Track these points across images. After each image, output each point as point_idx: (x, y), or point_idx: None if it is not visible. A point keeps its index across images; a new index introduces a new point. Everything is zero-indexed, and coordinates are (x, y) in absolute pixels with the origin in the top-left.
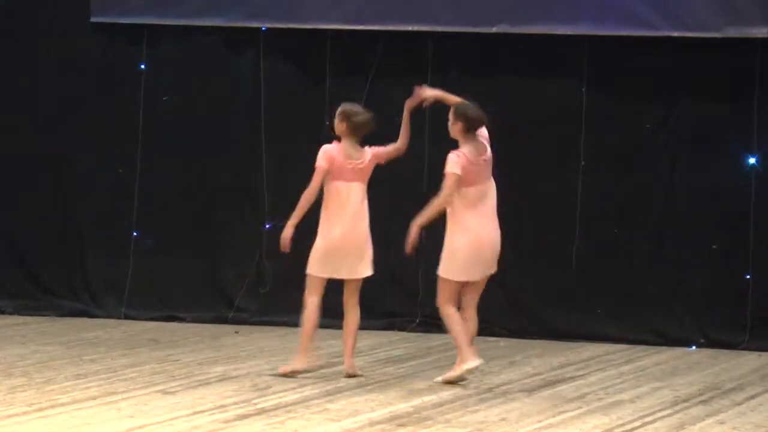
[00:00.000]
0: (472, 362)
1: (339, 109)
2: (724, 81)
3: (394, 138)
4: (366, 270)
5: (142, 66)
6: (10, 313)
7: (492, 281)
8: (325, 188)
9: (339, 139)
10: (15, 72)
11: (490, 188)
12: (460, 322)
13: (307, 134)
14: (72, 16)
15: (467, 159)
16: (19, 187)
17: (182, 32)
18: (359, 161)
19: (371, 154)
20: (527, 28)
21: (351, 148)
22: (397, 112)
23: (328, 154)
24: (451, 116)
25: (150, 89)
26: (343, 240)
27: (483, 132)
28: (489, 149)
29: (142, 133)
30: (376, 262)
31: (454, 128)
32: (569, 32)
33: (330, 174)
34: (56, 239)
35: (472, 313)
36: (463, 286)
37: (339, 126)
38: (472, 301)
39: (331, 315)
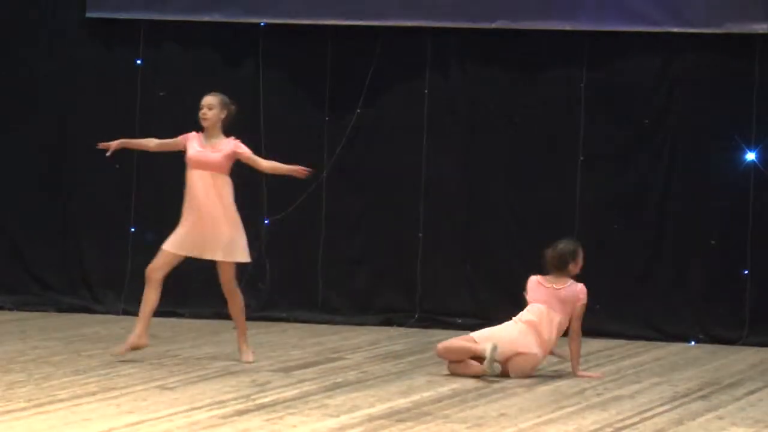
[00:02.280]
0: None
1: (220, 98)
2: (724, 77)
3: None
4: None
5: (139, 61)
6: (10, 309)
7: (490, 276)
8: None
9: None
10: (10, 67)
11: None
12: None
13: (307, 129)
14: (67, 12)
15: None
16: (17, 184)
17: (179, 27)
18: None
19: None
20: (526, 23)
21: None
22: (397, 107)
23: (186, 137)
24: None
25: (147, 85)
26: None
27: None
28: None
29: (139, 128)
30: (375, 258)
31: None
32: (569, 28)
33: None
34: (55, 235)
35: None
36: None
37: (220, 114)
38: None
39: (328, 310)
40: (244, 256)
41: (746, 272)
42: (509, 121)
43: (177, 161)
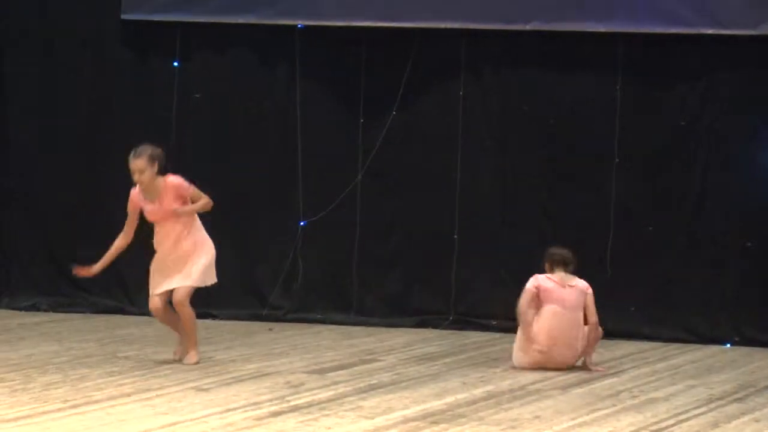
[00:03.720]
0: None
1: (145, 156)
2: (758, 78)
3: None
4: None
5: (176, 63)
6: (45, 311)
7: (525, 278)
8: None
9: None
10: (47, 70)
11: None
12: None
13: (342, 130)
14: (103, 14)
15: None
16: (53, 186)
17: (216, 29)
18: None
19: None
20: (561, 25)
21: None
22: (432, 110)
23: (131, 200)
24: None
25: (183, 86)
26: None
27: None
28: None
29: (176, 129)
30: (409, 260)
31: None
32: (603, 29)
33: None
34: (90, 237)
35: None
36: None
37: (153, 171)
38: None
39: (362, 312)
40: (202, 280)
41: None
42: (544, 123)
43: (211, 160)
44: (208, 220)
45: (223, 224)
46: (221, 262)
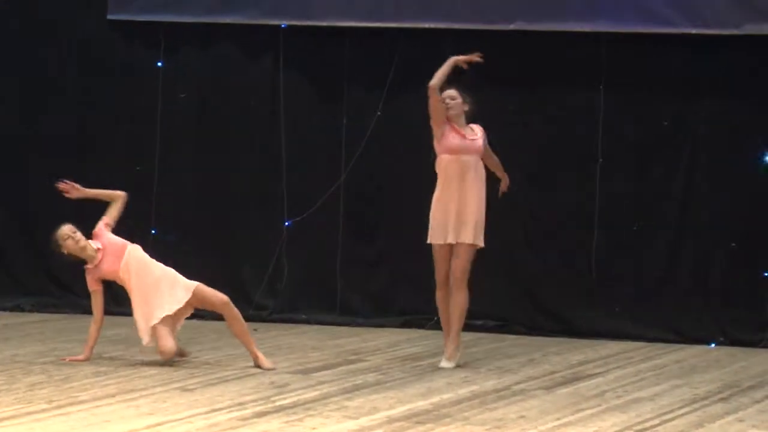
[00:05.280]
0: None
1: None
2: (742, 78)
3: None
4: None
5: (160, 63)
6: (29, 311)
7: (509, 278)
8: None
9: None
10: (31, 69)
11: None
12: None
13: (327, 130)
14: (89, 14)
15: None
16: (35, 185)
17: (200, 29)
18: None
19: (106, 234)
20: (544, 25)
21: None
22: (417, 109)
23: (92, 277)
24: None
25: (168, 86)
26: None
27: None
28: None
29: (160, 130)
30: (394, 260)
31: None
32: (587, 29)
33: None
34: None
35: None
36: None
37: (80, 244)
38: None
39: (347, 312)
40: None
41: (767, 274)
42: (528, 123)
43: (196, 161)
44: (192, 220)
45: (208, 224)
46: (207, 263)
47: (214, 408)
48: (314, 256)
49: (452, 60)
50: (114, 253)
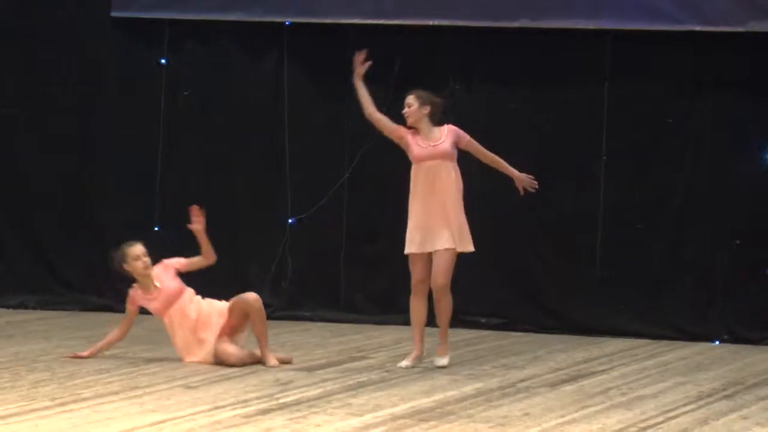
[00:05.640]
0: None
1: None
2: (746, 76)
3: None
4: None
5: (163, 61)
6: (33, 308)
7: (512, 276)
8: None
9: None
10: (35, 67)
11: None
12: None
13: (330, 128)
14: (92, 11)
15: None
16: (40, 183)
17: (204, 27)
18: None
19: (170, 276)
20: (548, 22)
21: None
22: None
23: (135, 301)
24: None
25: (171, 84)
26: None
27: None
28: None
29: (163, 127)
30: (397, 258)
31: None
32: (591, 26)
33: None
34: (78, 234)
35: None
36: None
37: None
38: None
39: (351, 310)
40: None
41: None
42: (532, 121)
43: (199, 158)
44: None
45: (212, 222)
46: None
47: (218, 405)
48: (318, 254)
49: (356, 78)
50: (167, 299)
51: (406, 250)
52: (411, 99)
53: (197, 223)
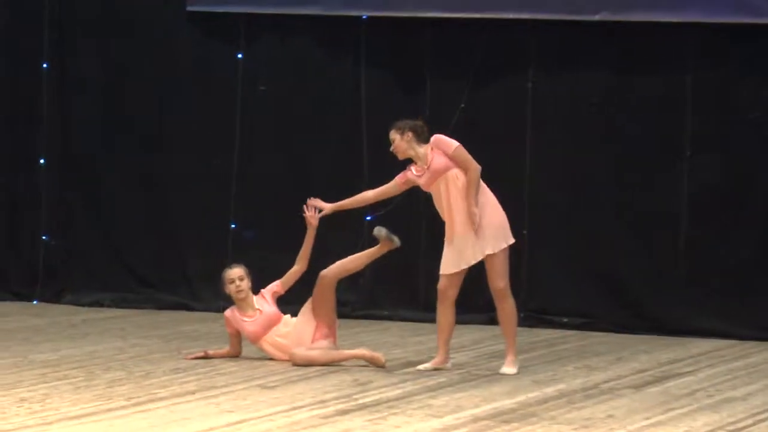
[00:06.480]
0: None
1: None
2: None
3: (498, 130)
4: None
5: (239, 56)
6: (108, 306)
7: (596, 274)
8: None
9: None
10: (110, 63)
11: None
12: None
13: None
14: (168, 5)
15: None
16: (115, 180)
17: (280, 21)
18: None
19: (270, 301)
20: (630, 15)
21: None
22: (500, 102)
23: (232, 325)
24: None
25: (247, 79)
26: None
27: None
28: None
29: (240, 124)
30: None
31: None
32: (675, 20)
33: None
34: (153, 231)
35: None
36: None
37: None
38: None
39: (431, 308)
40: None
41: None
42: (614, 116)
43: (275, 154)
44: (271, 214)
45: (289, 219)
46: (287, 258)
47: (295, 406)
48: (396, 251)
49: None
50: (264, 324)
51: (442, 271)
52: (391, 134)
53: (313, 219)
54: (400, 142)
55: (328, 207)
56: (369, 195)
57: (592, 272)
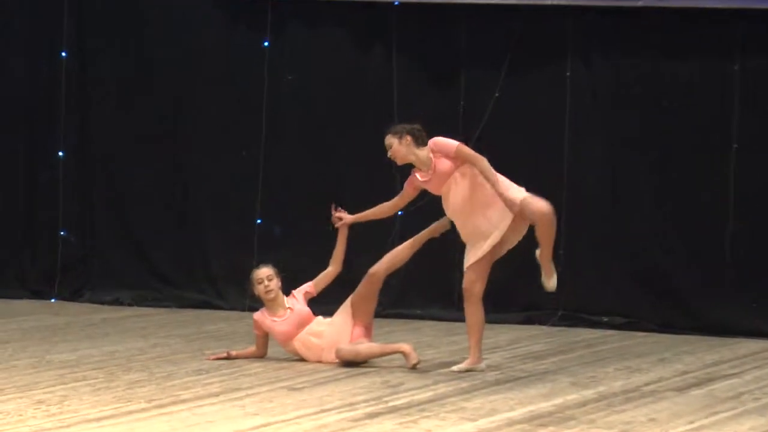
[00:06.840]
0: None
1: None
2: None
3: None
4: None
5: (266, 43)
6: (130, 305)
7: (636, 272)
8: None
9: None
10: (134, 50)
11: None
12: None
13: (442, 114)
14: None
15: None
16: (137, 174)
17: (308, 7)
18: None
19: (301, 300)
20: (675, 1)
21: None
22: (537, 91)
23: (261, 327)
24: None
25: (274, 67)
26: None
27: None
28: None
29: (266, 114)
30: (515, 252)
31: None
32: (721, 5)
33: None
34: (176, 228)
35: None
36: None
37: (279, 282)
38: None
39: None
40: None
41: None
42: (657, 106)
43: (303, 146)
44: (299, 208)
45: (319, 212)
46: (316, 255)
47: (324, 408)
48: (429, 248)
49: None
50: (296, 322)
51: (466, 265)
52: (388, 140)
53: (340, 222)
54: (399, 147)
55: (348, 218)
56: (386, 207)
57: (632, 269)
